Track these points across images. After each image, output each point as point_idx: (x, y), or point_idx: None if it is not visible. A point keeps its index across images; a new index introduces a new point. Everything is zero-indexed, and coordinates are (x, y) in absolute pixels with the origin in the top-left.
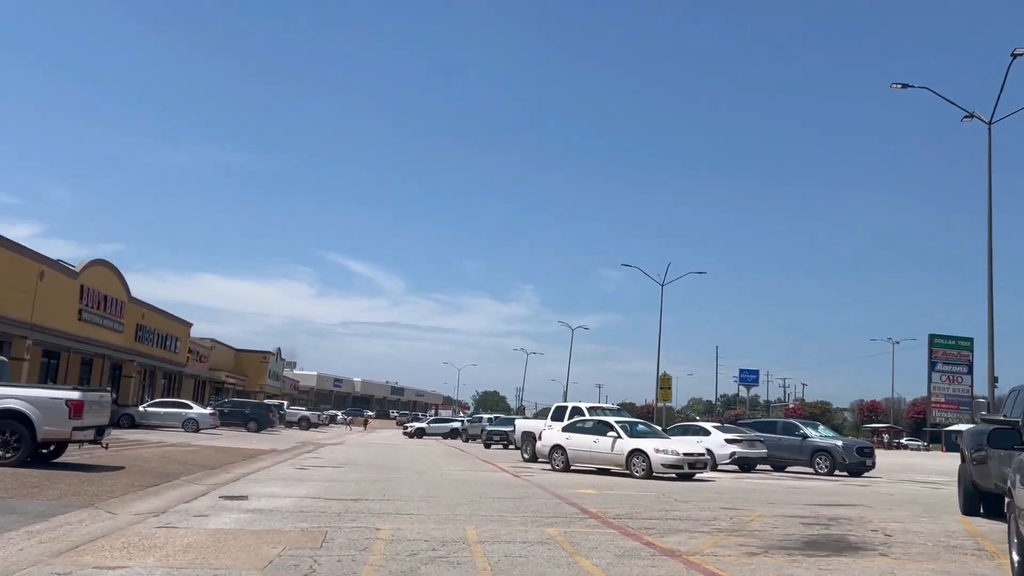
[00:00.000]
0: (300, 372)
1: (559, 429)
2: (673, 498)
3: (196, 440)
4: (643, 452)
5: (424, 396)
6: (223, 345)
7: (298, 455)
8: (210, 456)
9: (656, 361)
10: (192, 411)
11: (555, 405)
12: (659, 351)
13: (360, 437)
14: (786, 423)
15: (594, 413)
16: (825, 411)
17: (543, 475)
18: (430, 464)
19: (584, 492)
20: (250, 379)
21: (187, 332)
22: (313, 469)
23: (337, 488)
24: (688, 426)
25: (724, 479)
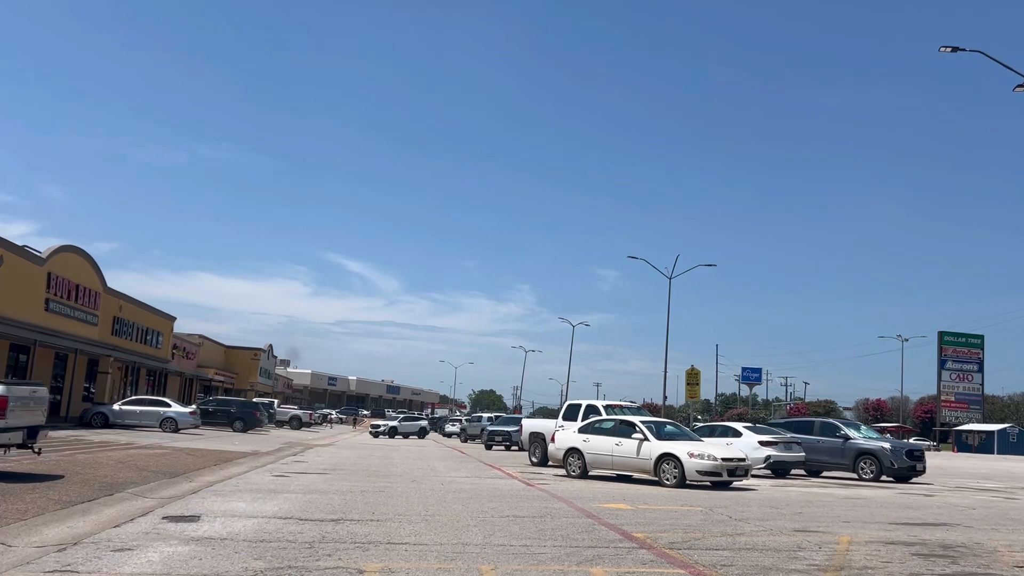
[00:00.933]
0: (294, 370)
1: (574, 430)
2: (725, 514)
3: (171, 441)
4: (675, 457)
5: (420, 395)
6: (212, 341)
7: (281, 459)
8: (177, 460)
9: (664, 358)
10: (171, 410)
11: (567, 403)
12: (667, 346)
13: (353, 438)
14: (825, 423)
15: (612, 412)
16: (829, 410)
17: (560, 483)
18: (428, 469)
19: (615, 507)
20: (240, 377)
21: (170, 327)
22: (293, 476)
23: (316, 503)
24: (715, 426)
25: (763, 486)
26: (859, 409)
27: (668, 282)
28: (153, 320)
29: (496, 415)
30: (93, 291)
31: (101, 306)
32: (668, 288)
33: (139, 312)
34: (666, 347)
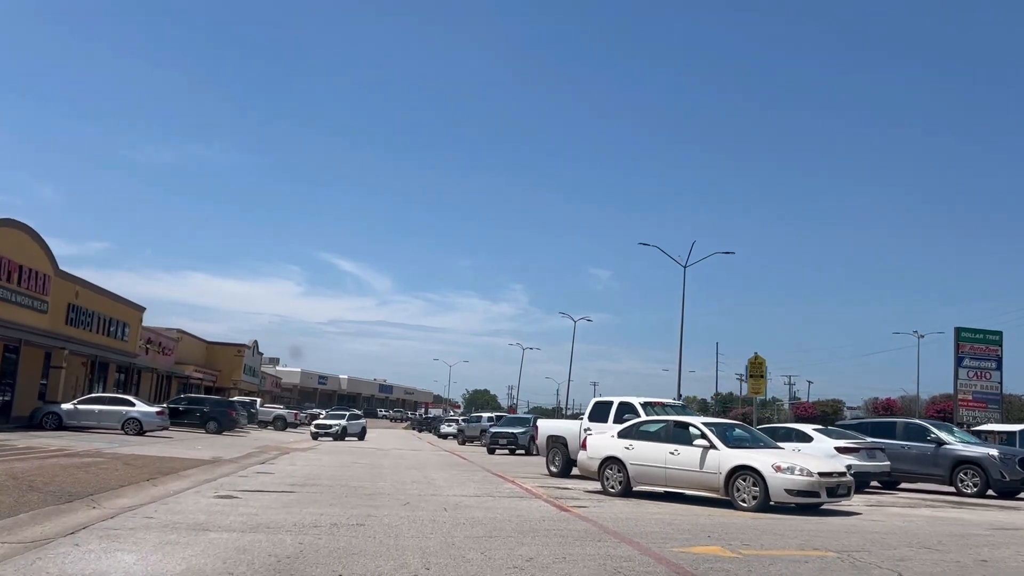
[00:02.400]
0: (283, 369)
1: (612, 434)
2: (876, 562)
3: (122, 447)
4: (754, 471)
5: (414, 394)
6: (192, 336)
7: (243, 468)
8: (103, 474)
9: (679, 352)
10: (134, 409)
11: (595, 400)
12: (681, 339)
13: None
14: (911, 425)
15: (653, 411)
16: (837, 410)
17: (602, 506)
18: (424, 484)
19: (708, 552)
20: (223, 374)
21: (138, 318)
22: (243, 499)
23: (253, 554)
24: (776, 428)
25: (857, 507)
26: (867, 408)
27: (682, 271)
28: (117, 309)
29: (497, 415)
30: (42, 274)
31: (52, 291)
32: (683, 277)
33: (100, 300)
34: (680, 340)
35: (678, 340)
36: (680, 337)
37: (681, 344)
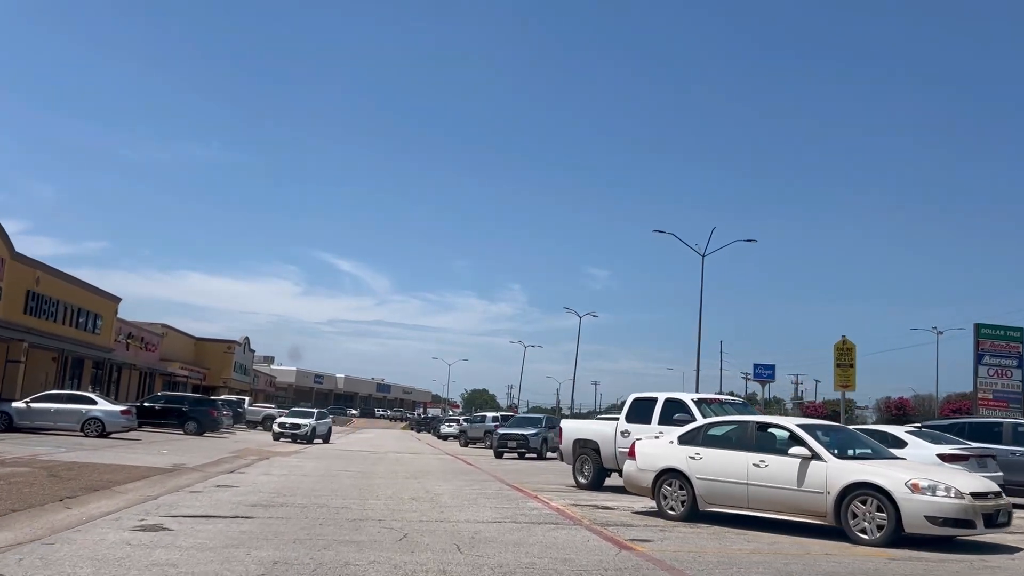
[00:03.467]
0: (277, 367)
1: (672, 440)
2: None
3: (73, 452)
4: (879, 490)
5: (412, 393)
6: (178, 332)
7: (203, 480)
8: (14, 490)
9: (697, 346)
10: (96, 408)
11: (633, 397)
12: (700, 334)
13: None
14: (1020, 426)
15: (709, 410)
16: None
17: (668, 537)
18: (426, 499)
19: None
20: (212, 372)
21: (113, 309)
22: (177, 530)
23: None
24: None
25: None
26: (879, 408)
27: (700, 260)
28: (87, 299)
29: (503, 414)
30: None
31: (7, 277)
32: (701, 266)
33: (67, 288)
34: (699, 334)
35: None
36: (699, 330)
37: (699, 338)
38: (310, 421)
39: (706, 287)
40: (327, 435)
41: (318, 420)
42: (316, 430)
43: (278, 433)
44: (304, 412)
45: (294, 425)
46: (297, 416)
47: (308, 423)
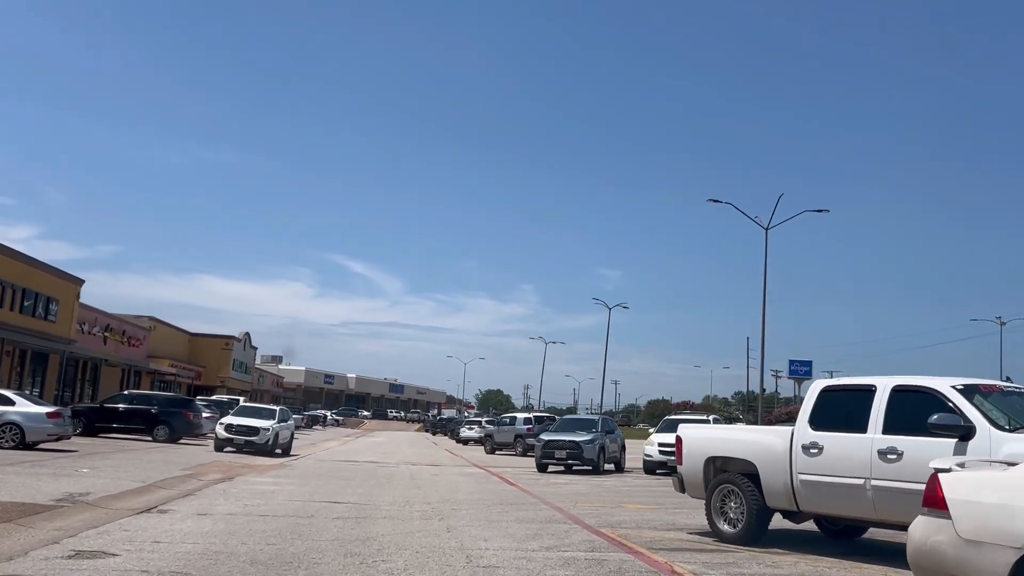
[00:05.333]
0: (286, 367)
1: None
2: None
3: None
4: None
5: (426, 394)
6: (169, 327)
7: (70, 536)
8: None
9: (761, 328)
10: (12, 410)
11: (821, 387)
12: (764, 312)
13: (340, 446)
14: None
15: (991, 406)
16: None
17: None
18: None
19: None
20: (208, 371)
21: (73, 292)
22: None
23: None
24: None
25: None
26: None
27: (764, 233)
28: (39, 280)
29: (537, 415)
30: None
31: None
32: (764, 240)
33: (12, 266)
34: (763, 313)
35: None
36: (762, 313)
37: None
38: (271, 424)
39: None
40: (288, 445)
41: (280, 422)
42: (279, 436)
43: (223, 440)
44: (262, 410)
45: (248, 428)
46: (252, 415)
47: (268, 426)
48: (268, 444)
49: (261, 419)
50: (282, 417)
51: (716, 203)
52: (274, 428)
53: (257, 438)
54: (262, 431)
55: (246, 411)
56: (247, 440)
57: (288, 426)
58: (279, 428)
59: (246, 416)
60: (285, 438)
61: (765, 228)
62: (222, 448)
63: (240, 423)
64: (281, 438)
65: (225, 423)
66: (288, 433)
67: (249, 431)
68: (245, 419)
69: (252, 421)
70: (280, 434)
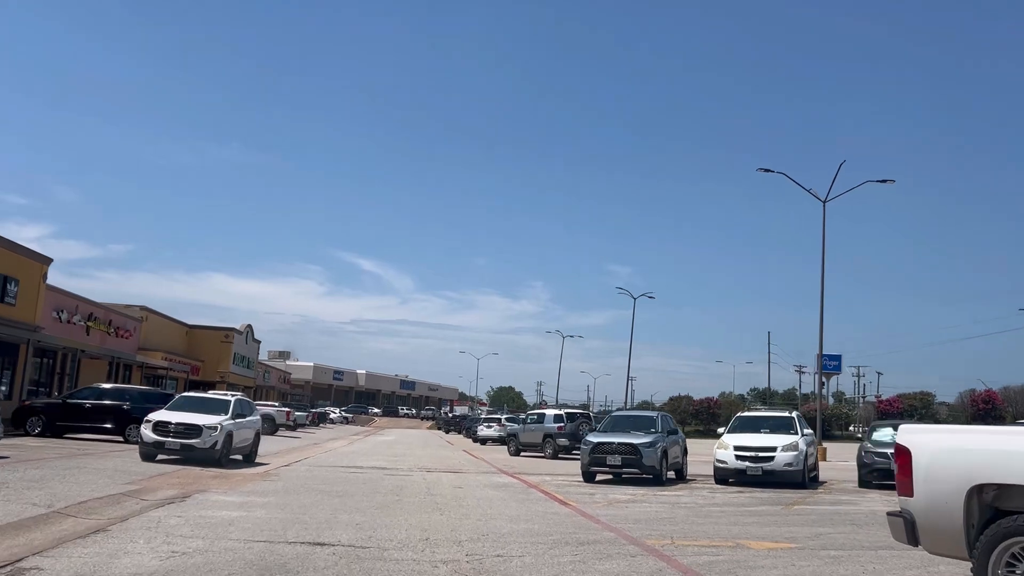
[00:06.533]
0: (293, 363)
1: None
2: None
3: None
4: None
5: (438, 391)
6: (163, 317)
7: None
8: None
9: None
10: None
11: None
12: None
13: (345, 447)
14: None
15: None
16: (927, 404)
17: None
18: None
19: None
20: (207, 365)
21: (38, 272)
22: None
23: None
24: None
25: None
26: (964, 401)
27: (822, 206)
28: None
29: (569, 412)
30: None
31: None
32: (822, 214)
33: None
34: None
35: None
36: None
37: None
38: (219, 420)
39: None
40: (250, 449)
41: (235, 418)
42: (232, 437)
43: (151, 446)
44: (209, 403)
45: (186, 428)
46: (194, 409)
47: (216, 423)
48: (216, 448)
49: (207, 414)
50: (239, 411)
51: (767, 172)
52: (225, 427)
53: (199, 440)
54: (206, 431)
55: (188, 404)
56: (184, 444)
57: (250, 423)
58: (233, 426)
59: (186, 410)
60: (244, 440)
61: (823, 201)
62: (152, 456)
63: (176, 420)
64: (238, 439)
65: (154, 420)
66: (250, 433)
67: (188, 431)
68: (183, 415)
69: (193, 417)
70: (236, 434)
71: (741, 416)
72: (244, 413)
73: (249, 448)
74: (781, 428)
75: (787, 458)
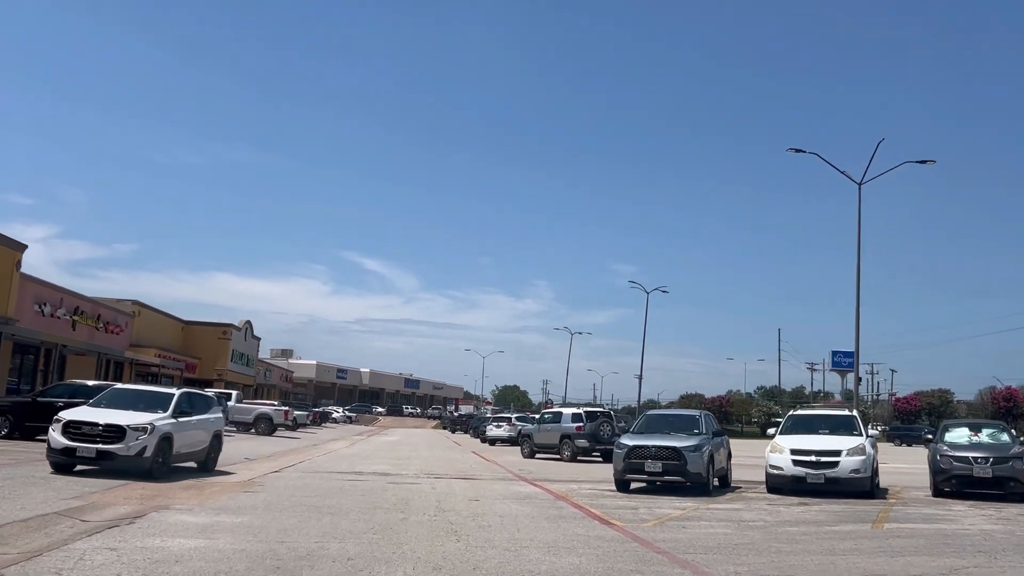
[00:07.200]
0: (296, 361)
1: None
2: None
3: None
4: None
5: (443, 389)
6: (158, 312)
7: None
8: None
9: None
10: None
11: None
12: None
13: (346, 448)
14: None
15: None
16: (946, 402)
17: None
18: None
19: None
20: (204, 362)
21: (11, 260)
22: None
23: None
24: None
25: None
26: (984, 399)
27: (857, 188)
28: None
29: (588, 410)
30: None
31: None
32: (858, 196)
33: None
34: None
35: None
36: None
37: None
38: (153, 420)
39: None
40: (205, 455)
41: (178, 416)
42: (172, 442)
43: (60, 453)
44: (144, 396)
45: (103, 430)
46: (122, 405)
47: (147, 424)
48: (144, 456)
49: (138, 411)
50: (184, 407)
51: (798, 152)
52: (159, 428)
53: (120, 446)
54: (131, 434)
55: (117, 398)
56: (101, 450)
57: (203, 423)
58: (173, 427)
59: (114, 406)
60: (195, 444)
61: (858, 183)
62: (67, 467)
63: (93, 420)
64: (183, 443)
65: (65, 420)
66: (203, 435)
67: (107, 434)
68: (106, 413)
69: (118, 416)
70: (178, 437)
71: (795, 415)
72: (193, 410)
73: (204, 454)
74: (841, 428)
75: (854, 463)
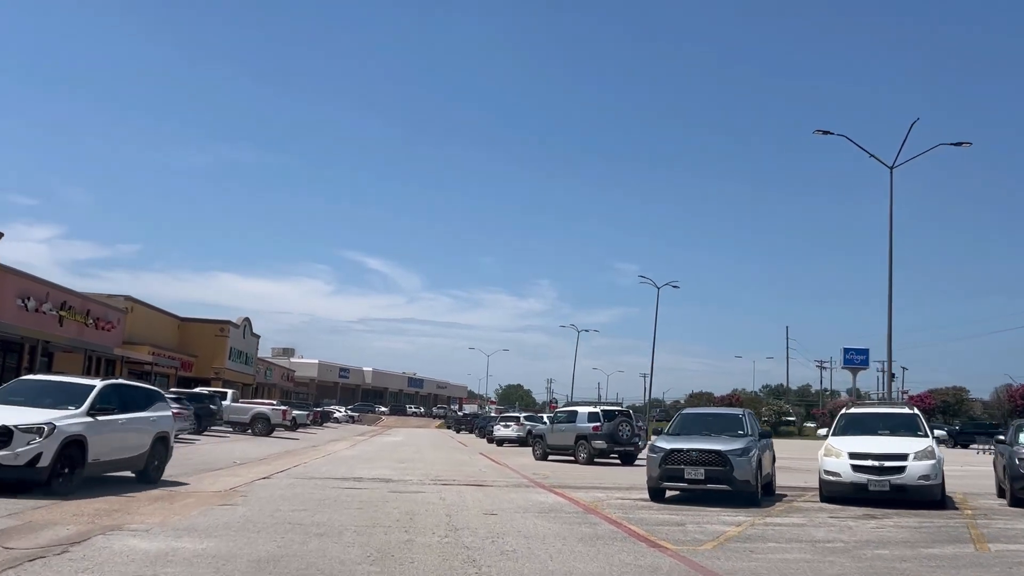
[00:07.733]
0: (297, 360)
1: None
2: None
3: None
4: None
5: (447, 388)
6: (152, 309)
7: None
8: None
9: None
10: None
11: None
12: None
13: (351, 448)
14: None
15: None
16: (961, 400)
17: None
18: None
19: None
20: (201, 360)
21: None
22: None
23: None
24: None
25: None
26: (1000, 397)
27: (889, 173)
28: None
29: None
30: None
31: None
32: (889, 181)
33: None
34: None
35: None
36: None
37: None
38: (55, 417)
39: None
40: (146, 464)
41: (95, 414)
42: (85, 447)
43: None
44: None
45: None
46: (29, 401)
47: (42, 423)
48: (36, 467)
49: (42, 408)
50: (108, 402)
51: (827, 134)
52: (64, 429)
53: (6, 453)
54: (19, 437)
55: (15, 392)
56: None
57: (138, 424)
58: (86, 428)
59: (13, 403)
60: (127, 449)
61: (890, 167)
62: None
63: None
64: (107, 449)
65: None
66: (142, 438)
67: None
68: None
69: (6, 414)
70: (97, 441)
71: (848, 413)
72: (124, 406)
73: (142, 461)
74: (903, 429)
75: (923, 468)
